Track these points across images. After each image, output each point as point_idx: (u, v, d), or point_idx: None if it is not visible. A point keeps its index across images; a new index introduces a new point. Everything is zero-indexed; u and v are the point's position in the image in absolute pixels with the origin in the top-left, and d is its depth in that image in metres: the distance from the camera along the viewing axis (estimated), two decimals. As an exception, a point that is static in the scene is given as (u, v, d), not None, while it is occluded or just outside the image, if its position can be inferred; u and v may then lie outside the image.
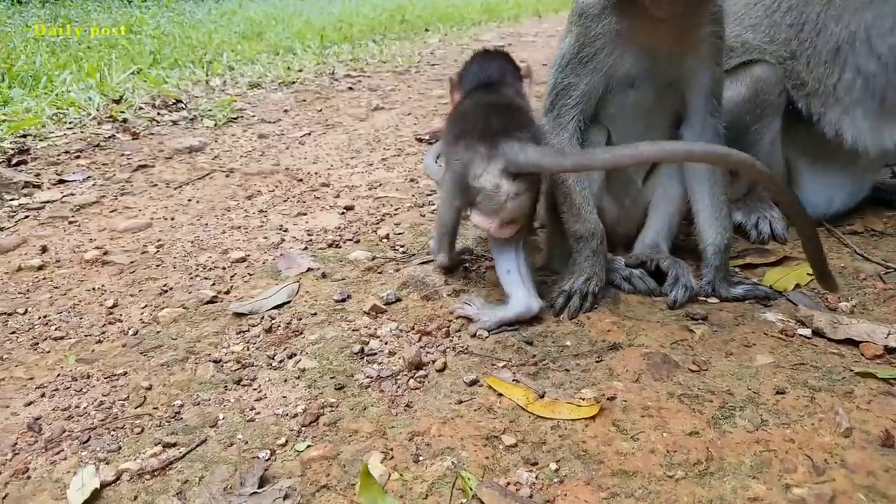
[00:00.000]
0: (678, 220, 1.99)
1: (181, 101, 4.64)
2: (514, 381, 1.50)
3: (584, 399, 1.42)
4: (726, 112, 1.93)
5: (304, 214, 2.64)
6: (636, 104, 1.85)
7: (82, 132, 3.90)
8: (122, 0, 10.23)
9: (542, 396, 1.45)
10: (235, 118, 4.40)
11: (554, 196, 1.91)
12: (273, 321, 1.78)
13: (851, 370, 1.50)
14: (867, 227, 2.24)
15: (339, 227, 2.49)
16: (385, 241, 2.36)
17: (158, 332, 1.76)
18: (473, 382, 1.50)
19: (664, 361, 1.56)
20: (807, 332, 1.66)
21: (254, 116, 4.47)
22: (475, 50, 2.08)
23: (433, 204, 2.77)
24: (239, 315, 1.82)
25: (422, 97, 5.26)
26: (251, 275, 2.08)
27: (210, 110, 4.48)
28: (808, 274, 1.93)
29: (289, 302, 1.89)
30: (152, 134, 3.94)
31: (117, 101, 4.53)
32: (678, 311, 1.80)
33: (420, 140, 3.87)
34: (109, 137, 3.82)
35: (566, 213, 1.86)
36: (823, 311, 1.73)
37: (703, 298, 1.86)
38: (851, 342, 1.60)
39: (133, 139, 3.82)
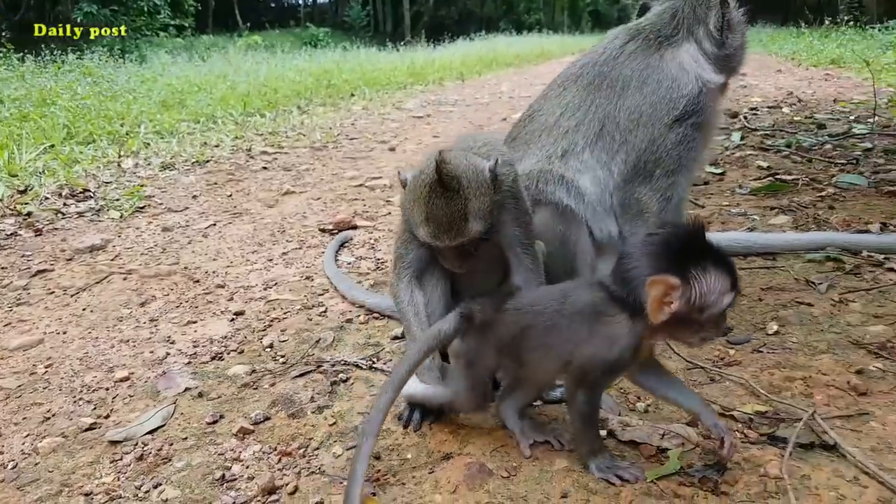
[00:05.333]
0: None
1: (89, 191, 4.77)
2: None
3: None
4: (545, 239, 2.28)
5: (195, 322, 2.84)
6: None
7: (-16, 230, 3.98)
8: (35, 71, 10.15)
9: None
10: (143, 206, 4.57)
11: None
12: (145, 447, 1.98)
13: (628, 472, 1.83)
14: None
15: (226, 337, 2.71)
16: (268, 350, 2.59)
17: (37, 463, 1.94)
18: (316, 504, 1.74)
19: (480, 471, 1.84)
20: (603, 433, 1.99)
21: (161, 204, 4.65)
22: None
23: (322, 305, 3.00)
24: (114, 443, 2.01)
25: (334, 178, 5.54)
26: (132, 396, 2.28)
27: (117, 200, 4.63)
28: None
29: (163, 426, 2.10)
30: (56, 229, 4.07)
31: (23, 192, 4.63)
32: (505, 417, 2.10)
33: (323, 230, 4.11)
34: (11, 235, 3.93)
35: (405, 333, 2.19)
36: (619, 415, 2.07)
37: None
38: (634, 443, 1.93)
39: (36, 236, 3.94)
